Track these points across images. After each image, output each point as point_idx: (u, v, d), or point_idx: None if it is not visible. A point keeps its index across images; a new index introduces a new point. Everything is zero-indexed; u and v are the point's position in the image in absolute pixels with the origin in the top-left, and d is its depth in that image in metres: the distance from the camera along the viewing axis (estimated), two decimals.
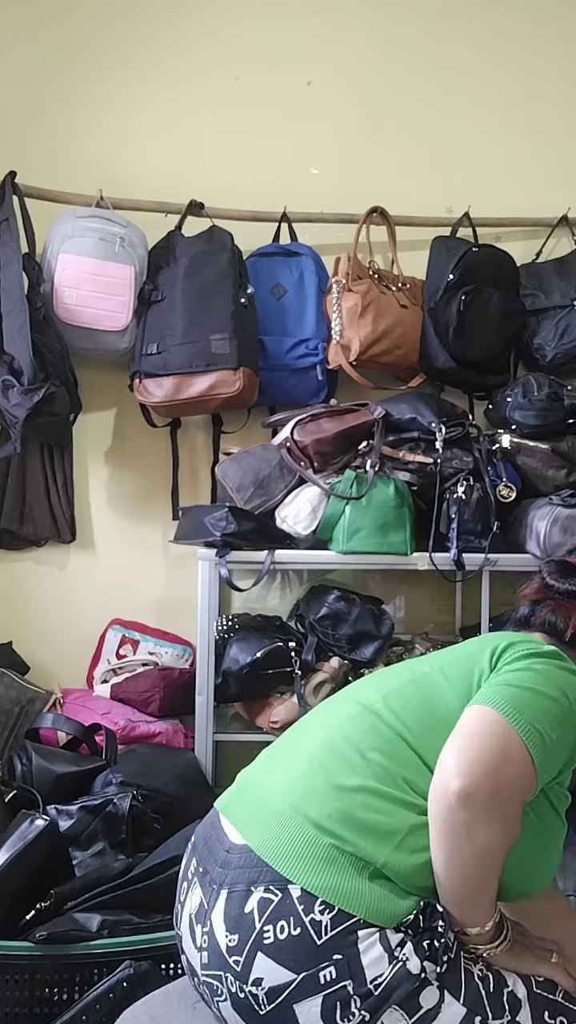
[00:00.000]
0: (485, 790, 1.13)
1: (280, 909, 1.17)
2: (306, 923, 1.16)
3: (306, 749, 1.33)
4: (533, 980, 1.22)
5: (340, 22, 2.80)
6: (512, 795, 1.17)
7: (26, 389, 2.36)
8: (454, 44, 2.81)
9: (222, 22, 2.78)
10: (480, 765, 1.15)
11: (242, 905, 1.20)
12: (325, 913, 1.16)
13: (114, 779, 2.05)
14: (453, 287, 2.55)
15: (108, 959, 1.61)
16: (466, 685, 1.30)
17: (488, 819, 1.14)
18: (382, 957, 1.15)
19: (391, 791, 1.23)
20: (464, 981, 1.17)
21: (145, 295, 2.52)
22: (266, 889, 1.19)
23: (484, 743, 1.17)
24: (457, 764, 1.15)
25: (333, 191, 2.73)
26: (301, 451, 2.40)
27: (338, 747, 1.29)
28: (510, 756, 1.17)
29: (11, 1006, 1.61)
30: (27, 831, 1.71)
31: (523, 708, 1.21)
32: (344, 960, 1.14)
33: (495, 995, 1.18)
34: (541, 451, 2.43)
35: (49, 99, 2.74)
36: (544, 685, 1.25)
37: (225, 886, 1.23)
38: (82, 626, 2.69)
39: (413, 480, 2.36)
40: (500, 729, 1.19)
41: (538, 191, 2.78)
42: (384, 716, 1.30)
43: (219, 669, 2.34)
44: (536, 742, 1.19)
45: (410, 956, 1.15)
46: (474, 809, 1.13)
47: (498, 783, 1.14)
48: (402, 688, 1.35)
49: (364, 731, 1.30)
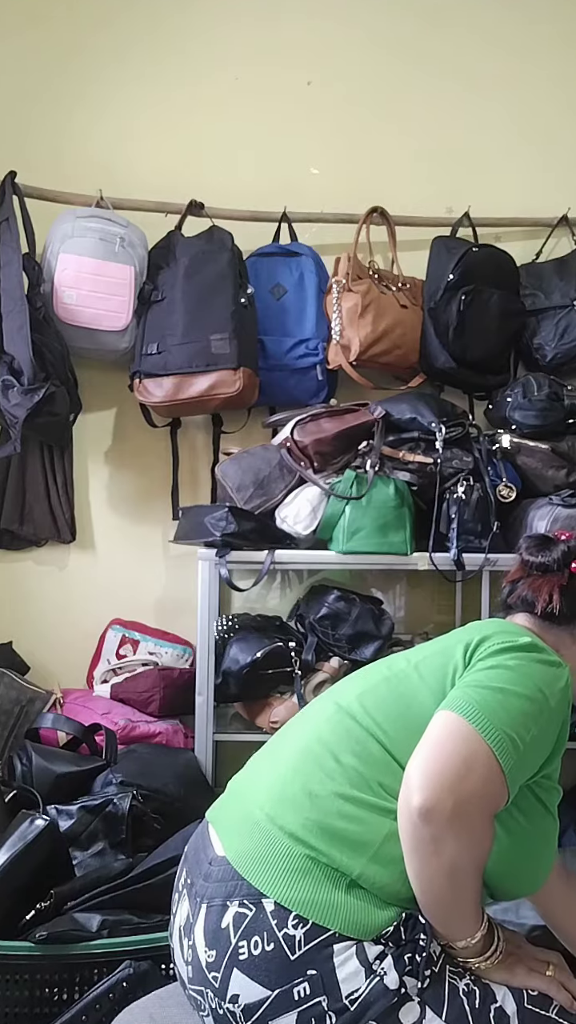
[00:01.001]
0: (447, 805, 1.09)
1: (254, 924, 1.15)
2: (279, 938, 1.14)
3: (286, 755, 1.31)
4: (525, 995, 1.18)
5: (340, 22, 2.80)
6: (477, 807, 1.12)
7: (26, 389, 2.36)
8: (454, 44, 2.81)
9: (222, 22, 2.78)
10: (441, 779, 1.10)
11: (219, 920, 1.18)
12: (299, 927, 1.14)
13: (114, 779, 2.05)
14: (453, 287, 2.54)
15: (108, 959, 1.62)
16: (440, 683, 1.26)
17: (453, 834, 1.10)
18: (358, 971, 1.12)
19: (366, 797, 1.20)
20: (447, 997, 1.14)
21: (145, 295, 2.52)
22: (240, 903, 1.17)
23: (446, 754, 1.12)
24: (419, 778, 1.11)
25: (333, 191, 2.73)
26: (301, 451, 2.40)
27: (314, 752, 1.27)
28: (473, 767, 1.11)
29: (11, 1006, 1.61)
30: (27, 831, 1.72)
31: (492, 712, 1.16)
32: (318, 975, 1.12)
33: (480, 1011, 1.14)
34: (541, 451, 2.43)
35: (49, 99, 2.74)
36: (516, 683, 1.20)
37: (205, 900, 1.22)
38: (82, 626, 2.69)
39: (413, 480, 2.36)
40: (464, 738, 1.13)
41: (538, 191, 2.78)
42: (358, 717, 1.27)
43: (219, 669, 2.34)
44: (505, 747, 1.14)
45: (388, 970, 1.12)
46: (437, 825, 1.09)
47: (461, 797, 1.09)
48: (377, 687, 1.31)
49: (339, 735, 1.27)
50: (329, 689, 1.45)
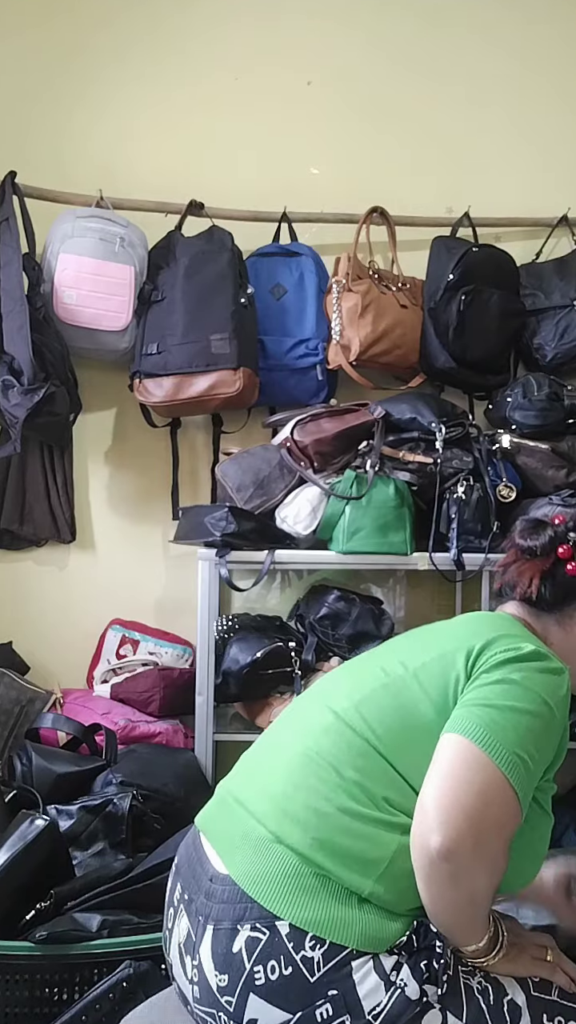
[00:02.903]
0: (468, 843, 1.08)
1: (270, 948, 1.13)
2: (297, 961, 1.12)
3: (282, 764, 1.27)
4: (530, 982, 1.20)
5: (340, 22, 2.79)
6: (496, 837, 1.12)
7: (26, 389, 2.36)
8: (454, 44, 2.81)
9: (222, 22, 2.77)
10: (461, 816, 1.09)
11: (230, 944, 1.15)
12: (316, 948, 1.12)
13: (114, 779, 2.05)
14: (453, 287, 2.54)
15: (108, 959, 1.61)
16: (442, 693, 1.23)
17: (473, 867, 1.10)
18: (378, 986, 1.12)
19: (372, 813, 1.17)
20: (465, 999, 1.15)
21: (145, 295, 2.52)
22: (253, 927, 1.15)
23: (462, 788, 1.11)
24: (437, 815, 1.09)
25: (333, 191, 2.73)
26: (301, 451, 2.40)
27: (315, 765, 1.23)
28: (491, 799, 1.11)
29: (11, 1006, 1.61)
30: (27, 831, 1.72)
31: (501, 734, 1.14)
32: (340, 994, 1.11)
33: (496, 1007, 1.16)
34: (541, 451, 2.43)
35: (49, 99, 2.74)
36: (523, 699, 1.18)
37: (211, 920, 1.18)
38: (82, 626, 2.69)
39: (413, 480, 2.36)
40: (478, 766, 1.12)
41: (538, 191, 2.78)
42: (359, 729, 1.24)
43: (219, 669, 2.34)
44: (519, 771, 1.13)
45: (408, 980, 1.12)
46: (457, 864, 1.09)
47: (480, 832, 1.09)
48: (375, 695, 1.27)
49: (340, 747, 1.23)
50: (320, 686, 1.41)
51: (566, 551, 1.35)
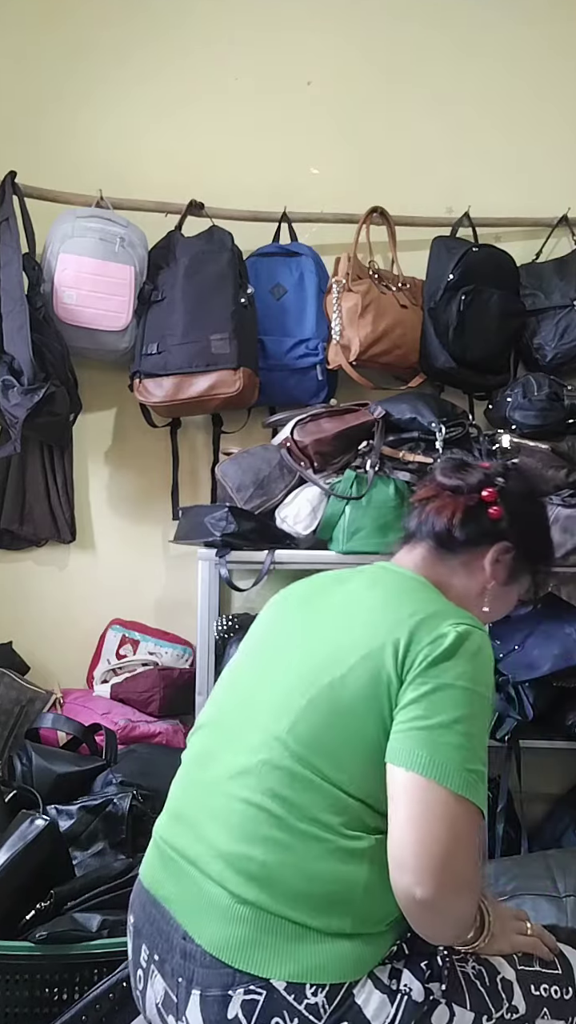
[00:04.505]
0: (448, 886, 1.08)
1: (270, 1007, 1.09)
2: (302, 1011, 1.09)
3: (223, 814, 1.19)
4: (516, 958, 1.24)
5: (340, 22, 2.79)
6: (474, 869, 1.13)
7: (26, 389, 2.36)
8: (454, 44, 2.81)
9: (222, 22, 2.77)
10: (438, 866, 1.07)
11: (223, 1010, 1.11)
12: (318, 994, 1.10)
13: (114, 779, 2.05)
14: (453, 287, 2.54)
15: (108, 959, 1.61)
16: (376, 700, 1.16)
17: (457, 900, 1.10)
18: (384, 1001, 1.12)
19: (333, 846, 1.13)
20: (466, 988, 1.17)
21: (145, 295, 2.52)
22: (247, 991, 1.10)
23: (432, 834, 1.08)
24: (415, 870, 1.07)
25: (333, 191, 2.73)
26: (301, 451, 2.40)
27: (263, 812, 1.16)
28: (461, 833, 1.09)
29: (11, 1006, 1.61)
30: (27, 831, 1.71)
31: (450, 757, 1.11)
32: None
33: (492, 987, 1.19)
34: (541, 451, 2.42)
35: (49, 99, 2.74)
36: (458, 703, 1.14)
37: (196, 986, 1.13)
38: (82, 626, 2.69)
39: (413, 480, 2.36)
40: (440, 804, 1.09)
41: (538, 191, 2.78)
42: (299, 759, 1.17)
43: (219, 669, 2.34)
44: (477, 786, 1.12)
45: (411, 984, 1.13)
46: (443, 904, 1.09)
47: (457, 870, 1.08)
48: (306, 714, 1.18)
49: (283, 785, 1.16)
50: (237, 692, 1.31)
51: (491, 494, 1.33)
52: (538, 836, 2.48)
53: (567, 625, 2.30)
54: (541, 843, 2.43)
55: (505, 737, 2.30)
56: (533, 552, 1.39)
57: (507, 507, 1.34)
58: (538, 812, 2.59)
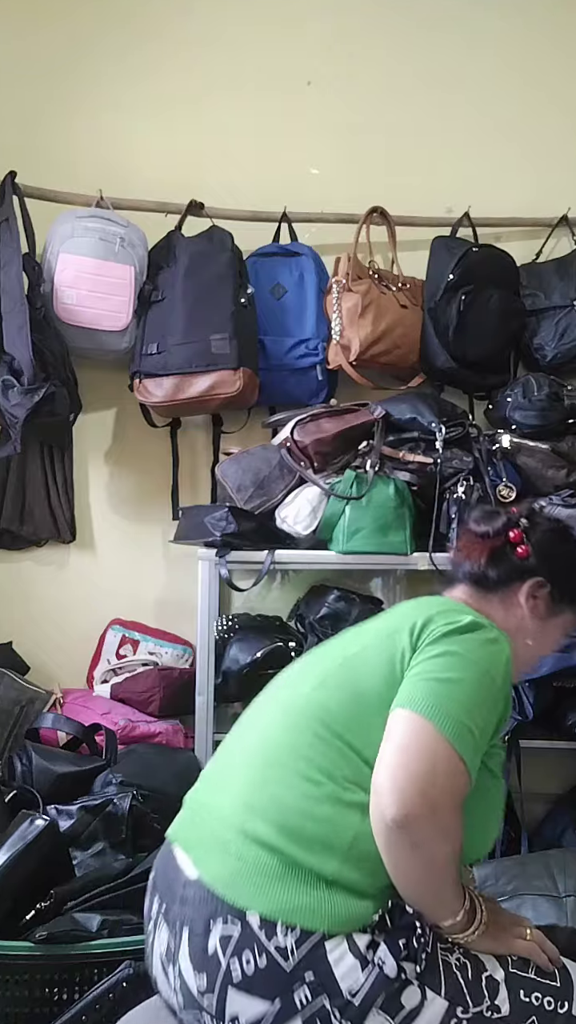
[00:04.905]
0: (421, 813, 1.12)
1: (243, 941, 1.15)
2: (271, 950, 1.14)
3: (242, 763, 1.31)
4: (509, 960, 1.23)
5: (340, 22, 2.80)
6: (447, 805, 1.15)
7: (26, 389, 2.36)
8: (454, 44, 2.81)
9: (222, 22, 2.77)
10: (412, 786, 1.13)
11: (204, 944, 1.18)
12: (288, 935, 1.14)
13: (114, 779, 2.05)
14: (453, 287, 2.55)
15: (108, 959, 1.61)
16: (389, 667, 1.27)
17: (429, 836, 1.14)
18: (354, 965, 1.14)
19: (333, 793, 1.21)
20: (443, 975, 1.18)
21: (145, 295, 2.52)
22: (225, 923, 1.17)
23: (412, 759, 1.15)
24: (391, 790, 1.13)
25: (333, 191, 2.73)
26: (301, 451, 2.40)
27: (273, 755, 1.27)
28: (440, 768, 1.15)
29: (11, 1006, 1.61)
30: (27, 831, 1.72)
31: (447, 706, 1.18)
32: (316, 977, 1.13)
33: (474, 983, 1.19)
34: (541, 451, 2.43)
35: (49, 99, 2.73)
36: (465, 670, 1.23)
37: (186, 924, 1.21)
38: (82, 626, 2.69)
39: (413, 480, 2.36)
40: (427, 738, 1.16)
41: (538, 191, 2.78)
42: (313, 714, 1.27)
43: (219, 669, 2.34)
44: (464, 738, 1.17)
45: (385, 958, 1.14)
46: (413, 832, 1.13)
47: (433, 801, 1.13)
48: (328, 679, 1.32)
49: (295, 735, 1.27)
50: (277, 680, 1.44)
51: (516, 535, 1.43)
52: (538, 836, 2.48)
53: None
54: (541, 843, 2.43)
55: (505, 737, 2.30)
56: (570, 587, 1.44)
57: (534, 546, 1.43)
58: (538, 812, 2.59)
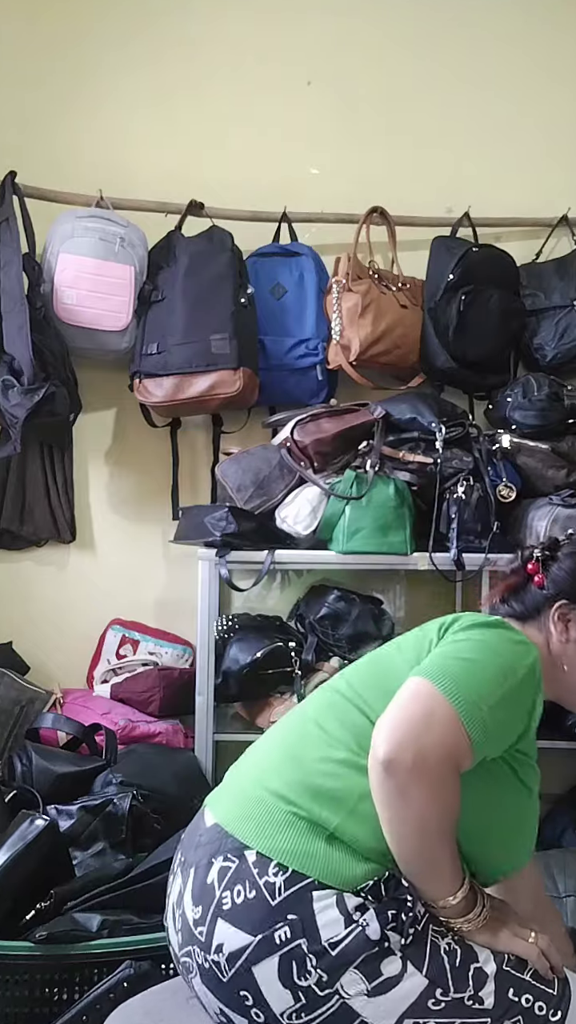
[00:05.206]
0: (408, 755, 1.14)
1: (237, 874, 1.21)
2: (260, 885, 1.18)
3: (276, 733, 1.39)
4: (506, 958, 1.22)
5: (340, 22, 2.79)
6: (439, 758, 1.16)
7: (26, 389, 2.36)
8: (454, 44, 2.81)
9: (222, 22, 2.78)
10: (402, 730, 1.16)
11: (205, 877, 1.23)
12: (279, 875, 1.18)
13: (114, 779, 2.05)
14: (453, 287, 2.55)
15: (108, 959, 1.62)
16: (415, 655, 1.32)
17: (416, 783, 1.14)
18: (338, 919, 1.16)
19: (345, 756, 1.25)
20: (429, 954, 1.18)
21: (145, 295, 2.52)
22: (225, 858, 1.23)
23: (410, 711, 1.19)
24: (383, 732, 1.17)
25: (333, 191, 2.73)
26: (301, 451, 2.40)
27: (300, 724, 1.35)
28: (434, 719, 1.17)
29: (11, 1006, 1.61)
30: (27, 831, 1.72)
31: (456, 677, 1.21)
32: (299, 919, 1.16)
33: (460, 969, 1.18)
34: (541, 451, 2.43)
35: (49, 99, 2.74)
36: (483, 653, 1.26)
37: (193, 865, 1.27)
38: (82, 626, 2.69)
39: (413, 480, 2.36)
40: (428, 696, 1.19)
41: (538, 191, 2.78)
42: (342, 691, 1.35)
43: (219, 669, 2.34)
44: (469, 709, 1.18)
45: (370, 922, 1.16)
46: (401, 774, 1.14)
47: (421, 746, 1.15)
48: (362, 667, 1.41)
49: (322, 707, 1.35)
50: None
51: (533, 566, 1.46)
52: (538, 836, 2.47)
53: None
54: (541, 843, 2.41)
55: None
56: None
57: (552, 572, 1.46)
58: None
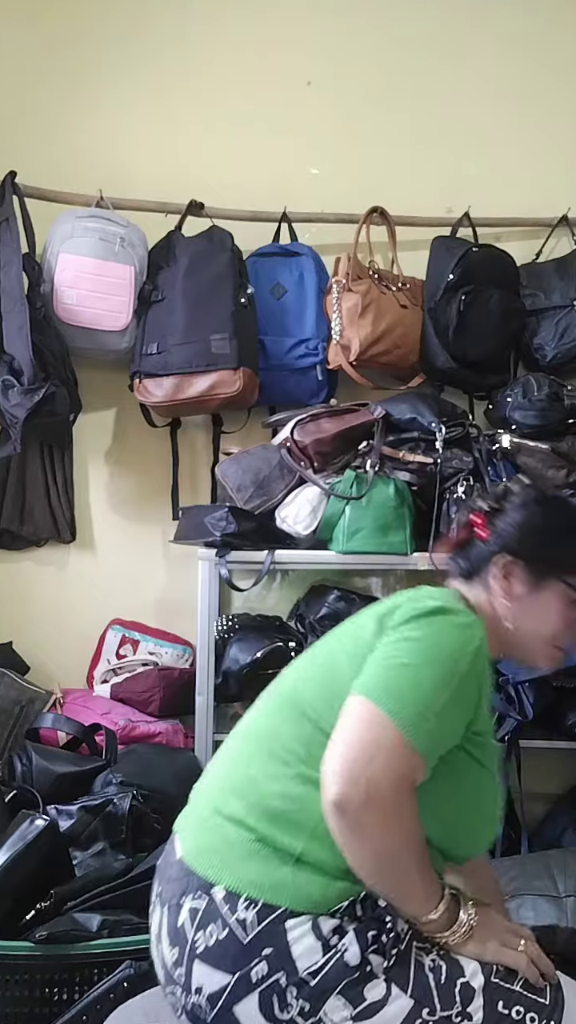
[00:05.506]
0: (356, 794, 1.10)
1: (207, 915, 1.17)
2: (231, 924, 1.15)
3: (230, 749, 1.34)
4: (494, 969, 1.18)
5: (340, 22, 2.79)
6: (391, 787, 1.11)
7: (26, 389, 2.36)
8: (454, 44, 2.81)
9: (222, 22, 2.77)
10: (349, 766, 1.11)
11: (177, 918, 1.20)
12: (250, 909, 1.15)
13: (114, 779, 2.05)
14: (453, 287, 2.55)
15: (108, 959, 1.62)
16: (358, 656, 1.24)
17: (372, 818, 1.11)
18: (314, 947, 1.13)
19: (298, 770, 1.21)
20: (413, 973, 1.15)
21: (145, 295, 2.52)
22: (194, 896, 1.19)
23: (354, 744, 1.13)
24: (331, 771, 1.12)
25: (333, 191, 2.73)
26: (301, 451, 2.40)
27: (253, 740, 1.30)
28: (380, 747, 1.12)
29: (11, 1006, 1.61)
30: (27, 831, 1.72)
31: (397, 691, 1.15)
32: (274, 953, 1.13)
33: (446, 986, 1.15)
34: (541, 451, 2.43)
35: (49, 99, 2.73)
36: (423, 654, 1.19)
37: (166, 902, 1.23)
38: (82, 626, 2.69)
39: (413, 480, 2.36)
40: (371, 723, 1.14)
41: (538, 191, 2.78)
42: (292, 701, 1.29)
43: (219, 669, 2.34)
44: (415, 723, 1.13)
45: (349, 946, 1.13)
46: (354, 812, 1.10)
47: (371, 778, 1.10)
48: (308, 669, 1.33)
49: (275, 720, 1.29)
50: (279, 676, 1.43)
51: (476, 518, 1.41)
52: (538, 836, 2.48)
53: None
54: (541, 843, 2.43)
55: (505, 737, 2.30)
56: (544, 556, 1.36)
57: (496, 524, 1.39)
58: (538, 812, 2.59)
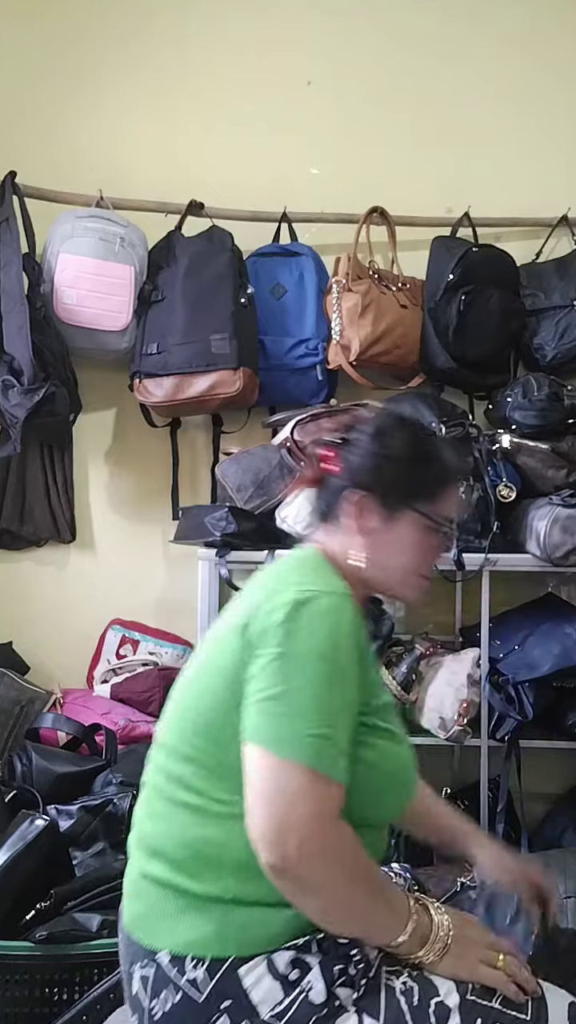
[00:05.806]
0: (288, 846, 1.06)
1: (158, 981, 1.13)
2: (182, 985, 1.11)
3: (144, 796, 1.27)
4: (470, 986, 1.13)
5: (340, 22, 2.79)
6: (320, 832, 1.08)
7: (26, 389, 2.36)
8: (454, 44, 2.81)
9: (222, 22, 2.78)
10: (274, 830, 1.06)
11: (131, 987, 1.18)
12: (198, 967, 1.11)
13: (114, 779, 2.06)
14: (453, 287, 2.55)
15: (108, 959, 1.61)
16: (228, 673, 1.17)
17: (313, 874, 1.07)
18: (273, 987, 1.09)
19: (207, 811, 1.16)
20: (384, 999, 1.11)
21: (145, 295, 2.52)
22: (142, 965, 1.16)
23: (268, 802, 1.08)
24: (259, 837, 1.07)
25: (333, 191, 2.73)
26: (301, 451, 2.40)
27: (156, 791, 1.23)
28: (290, 793, 1.07)
29: (11, 1006, 1.61)
30: (27, 831, 1.72)
31: (288, 728, 1.09)
32: (233, 1004, 1.09)
33: (420, 1008, 1.11)
34: (541, 451, 2.42)
35: (49, 99, 2.74)
36: (299, 670, 1.11)
37: (122, 969, 1.23)
38: (82, 626, 2.69)
39: None
40: (279, 774, 1.08)
41: (538, 191, 2.78)
42: (176, 745, 1.22)
43: None
44: (321, 750, 1.09)
45: (315, 982, 1.09)
46: (293, 874, 1.07)
47: (294, 829, 1.06)
48: (182, 700, 1.25)
49: (170, 763, 1.22)
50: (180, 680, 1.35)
51: (324, 454, 1.33)
52: (538, 836, 2.48)
53: (567, 625, 2.30)
54: (541, 843, 2.43)
55: (505, 737, 2.30)
56: (394, 486, 1.28)
57: (345, 457, 1.31)
58: (538, 812, 2.59)
